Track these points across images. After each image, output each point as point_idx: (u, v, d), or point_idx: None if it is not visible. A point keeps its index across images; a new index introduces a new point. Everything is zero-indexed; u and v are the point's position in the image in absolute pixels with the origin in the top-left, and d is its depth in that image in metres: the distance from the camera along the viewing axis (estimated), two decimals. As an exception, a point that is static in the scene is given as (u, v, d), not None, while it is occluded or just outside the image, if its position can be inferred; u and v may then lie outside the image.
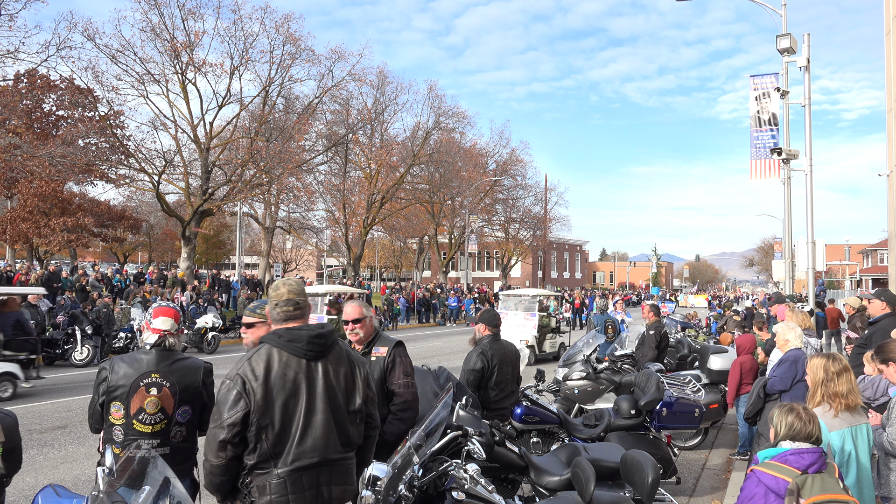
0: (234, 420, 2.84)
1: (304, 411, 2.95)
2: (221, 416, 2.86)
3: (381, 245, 56.93)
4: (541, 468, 4.65)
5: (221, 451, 2.85)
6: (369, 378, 3.28)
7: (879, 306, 6.68)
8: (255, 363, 2.94)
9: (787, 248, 15.91)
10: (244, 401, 2.86)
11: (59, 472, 7.35)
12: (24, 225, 30.75)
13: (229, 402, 2.87)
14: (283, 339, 3.00)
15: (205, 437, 2.96)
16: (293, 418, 2.94)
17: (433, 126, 43.20)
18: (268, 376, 2.91)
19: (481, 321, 5.80)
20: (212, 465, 2.89)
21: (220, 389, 2.96)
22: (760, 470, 2.98)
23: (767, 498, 2.89)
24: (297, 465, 2.91)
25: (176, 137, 28.41)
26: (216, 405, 2.93)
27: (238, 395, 2.87)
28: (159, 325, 3.73)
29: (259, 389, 2.88)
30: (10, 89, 26.39)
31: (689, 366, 11.75)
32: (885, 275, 28.41)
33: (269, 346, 3.00)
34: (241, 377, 2.90)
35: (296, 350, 2.98)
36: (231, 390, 2.89)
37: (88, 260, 46.94)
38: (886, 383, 4.71)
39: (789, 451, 3.00)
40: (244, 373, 2.91)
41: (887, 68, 16.51)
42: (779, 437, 3.11)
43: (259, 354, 2.97)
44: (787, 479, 2.88)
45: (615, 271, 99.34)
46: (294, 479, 2.90)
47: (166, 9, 26.74)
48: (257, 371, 2.91)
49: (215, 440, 2.85)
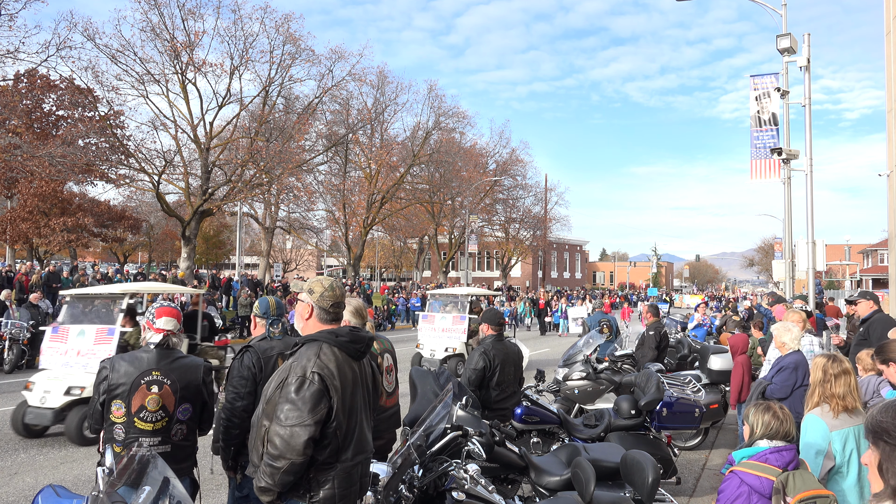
0: (320, 417, 2.85)
1: (360, 408, 3.06)
2: (304, 414, 2.81)
3: (381, 245, 56.94)
4: (541, 468, 4.65)
5: (308, 448, 2.82)
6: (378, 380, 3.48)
7: (867, 305, 7.07)
8: (328, 361, 2.93)
9: (788, 248, 15.90)
10: (326, 398, 2.88)
11: (59, 472, 7.35)
12: (24, 225, 30.74)
13: (312, 400, 2.83)
14: (344, 339, 3.02)
15: (274, 437, 2.82)
16: (355, 414, 3.02)
17: (433, 126, 43.20)
18: (341, 374, 2.95)
19: (484, 321, 5.82)
20: (292, 464, 2.81)
21: (288, 388, 2.86)
22: (742, 470, 2.98)
23: (751, 498, 2.89)
24: (358, 459, 3.02)
25: (176, 137, 28.40)
26: (291, 403, 2.83)
27: (320, 393, 2.86)
28: (163, 325, 3.76)
29: (339, 386, 2.92)
30: (10, 89, 26.37)
31: (689, 366, 11.75)
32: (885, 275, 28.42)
33: (327, 344, 2.99)
34: (320, 374, 2.88)
35: (353, 351, 3.04)
36: (309, 388, 2.85)
37: (88, 260, 46.97)
38: (876, 384, 4.72)
39: (769, 450, 3.01)
40: (322, 370, 2.89)
41: (887, 68, 16.52)
42: (755, 436, 3.11)
43: (325, 352, 2.96)
44: (771, 478, 2.88)
45: (615, 271, 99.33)
46: (352, 472, 3.00)
47: (166, 9, 26.72)
48: (332, 368, 2.92)
49: (299, 439, 2.79)
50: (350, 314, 4.39)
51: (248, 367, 3.90)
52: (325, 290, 3.14)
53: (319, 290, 3.13)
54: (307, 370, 2.88)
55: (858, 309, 7.20)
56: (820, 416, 3.70)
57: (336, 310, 3.16)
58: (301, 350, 3.00)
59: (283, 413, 2.84)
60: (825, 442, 3.60)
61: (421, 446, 3.60)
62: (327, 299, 3.12)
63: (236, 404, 3.83)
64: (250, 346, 4.03)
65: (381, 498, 3.27)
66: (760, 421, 3.10)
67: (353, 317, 4.41)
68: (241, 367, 3.93)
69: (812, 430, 3.67)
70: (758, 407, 3.17)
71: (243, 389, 3.85)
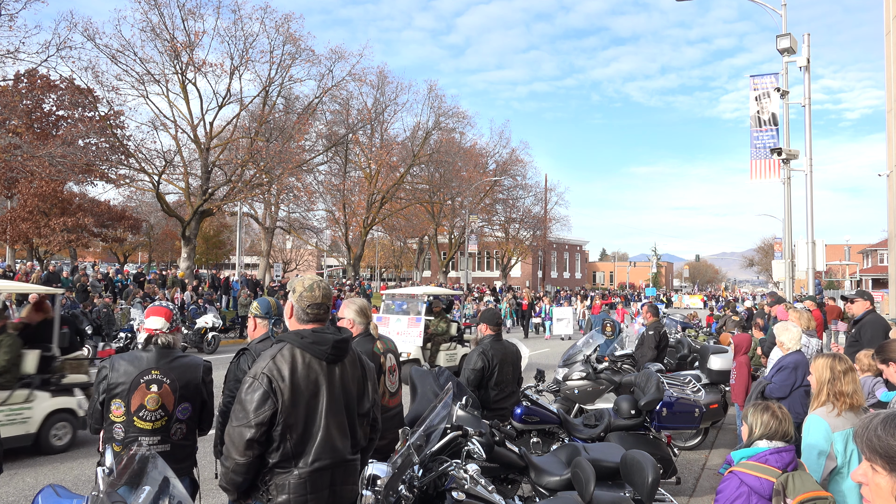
0: (263, 419, 2.83)
1: (324, 412, 2.97)
2: (248, 414, 2.83)
3: (381, 245, 56.93)
4: (541, 468, 4.65)
5: (248, 449, 2.82)
6: (375, 383, 3.36)
7: (862, 305, 7.05)
8: (280, 363, 2.92)
9: (787, 248, 15.89)
10: (272, 400, 2.85)
11: (59, 472, 7.34)
12: (24, 225, 30.74)
13: (256, 401, 2.84)
14: (307, 341, 2.98)
15: (226, 436, 2.89)
16: (315, 419, 2.95)
17: (433, 126, 43.19)
18: (293, 376, 2.91)
19: (483, 321, 5.82)
20: (236, 464, 2.84)
21: (242, 387, 2.91)
22: (742, 471, 2.97)
23: (751, 499, 2.88)
24: (317, 466, 2.93)
25: (176, 137, 28.42)
26: (239, 403, 2.87)
27: (265, 394, 2.85)
28: (150, 325, 3.80)
29: (286, 389, 2.88)
30: (10, 89, 26.37)
31: (689, 366, 11.76)
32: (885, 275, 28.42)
33: (291, 345, 2.98)
34: (268, 376, 2.87)
35: (319, 352, 2.99)
36: (257, 389, 2.86)
37: (88, 260, 46.95)
38: (871, 385, 4.73)
39: (769, 451, 2.99)
40: (270, 371, 2.88)
41: (887, 68, 16.52)
42: (754, 436, 3.09)
43: (282, 354, 2.95)
44: (771, 479, 2.88)
45: (615, 271, 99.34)
46: (314, 479, 2.92)
47: (166, 9, 26.77)
48: (283, 370, 2.90)
49: (241, 438, 2.82)
50: (354, 314, 4.39)
51: (244, 370, 3.88)
52: (304, 290, 3.10)
53: (299, 290, 3.11)
54: (258, 371, 2.90)
55: (854, 308, 7.22)
56: (823, 416, 3.69)
57: (315, 311, 3.08)
58: (267, 351, 3.02)
59: (233, 412, 2.90)
60: (827, 443, 3.59)
61: (421, 446, 3.59)
62: (305, 300, 3.08)
63: (231, 407, 3.82)
64: (247, 349, 4.02)
65: (381, 498, 3.27)
66: (759, 421, 3.09)
67: (358, 316, 4.41)
68: (237, 370, 3.91)
69: (815, 431, 3.67)
70: (756, 407, 3.16)
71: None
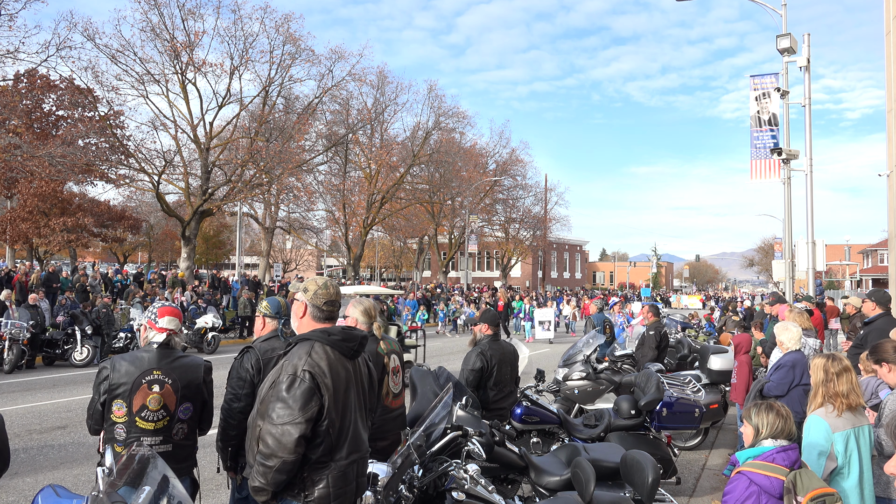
0: (311, 415, 2.85)
1: (354, 407, 3.06)
2: (295, 412, 2.82)
3: (381, 245, 56.94)
4: (541, 468, 4.65)
5: (299, 446, 2.82)
6: (376, 381, 3.45)
7: (871, 307, 6.93)
8: (318, 359, 2.94)
9: (788, 248, 15.89)
10: (317, 396, 2.88)
11: (59, 472, 7.34)
12: (24, 225, 30.73)
13: (303, 398, 2.84)
14: (337, 338, 3.03)
15: (265, 437, 2.84)
16: (348, 413, 3.02)
17: (433, 126, 43.19)
18: (332, 372, 2.95)
19: (482, 321, 5.82)
20: (283, 462, 2.81)
21: (279, 387, 2.88)
22: (750, 471, 2.96)
23: (761, 498, 2.88)
24: (352, 458, 3.01)
25: (176, 137, 28.41)
26: (282, 402, 2.84)
27: (311, 391, 2.87)
28: (166, 325, 3.77)
29: (329, 384, 2.92)
30: (10, 89, 26.36)
31: (689, 366, 11.77)
32: (885, 275, 28.40)
33: (319, 343, 3.00)
34: (310, 372, 2.89)
35: (346, 349, 3.05)
36: (300, 386, 2.86)
37: (88, 260, 46.96)
38: (875, 385, 4.71)
39: (776, 450, 2.99)
40: (312, 368, 2.90)
41: (887, 68, 16.51)
42: (760, 436, 3.08)
43: (316, 350, 2.97)
44: (781, 477, 2.88)
45: (615, 271, 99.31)
46: (348, 471, 2.99)
47: (166, 9, 26.76)
48: (323, 367, 2.93)
49: (290, 437, 2.80)
50: (360, 314, 4.39)
51: (247, 369, 3.88)
52: (319, 288, 3.17)
53: (313, 289, 3.17)
54: (298, 369, 2.90)
55: (864, 308, 7.11)
56: (823, 416, 3.70)
57: (330, 308, 3.16)
58: (293, 349, 3.02)
59: (275, 412, 2.86)
60: (828, 443, 3.60)
61: (421, 446, 3.60)
62: (321, 297, 3.14)
63: (233, 405, 3.82)
64: (251, 347, 4.02)
65: (381, 498, 3.27)
66: (765, 421, 3.08)
67: (363, 316, 4.40)
68: (241, 367, 3.92)
69: (815, 431, 3.67)
70: (759, 407, 3.15)
71: (241, 391, 3.83)
